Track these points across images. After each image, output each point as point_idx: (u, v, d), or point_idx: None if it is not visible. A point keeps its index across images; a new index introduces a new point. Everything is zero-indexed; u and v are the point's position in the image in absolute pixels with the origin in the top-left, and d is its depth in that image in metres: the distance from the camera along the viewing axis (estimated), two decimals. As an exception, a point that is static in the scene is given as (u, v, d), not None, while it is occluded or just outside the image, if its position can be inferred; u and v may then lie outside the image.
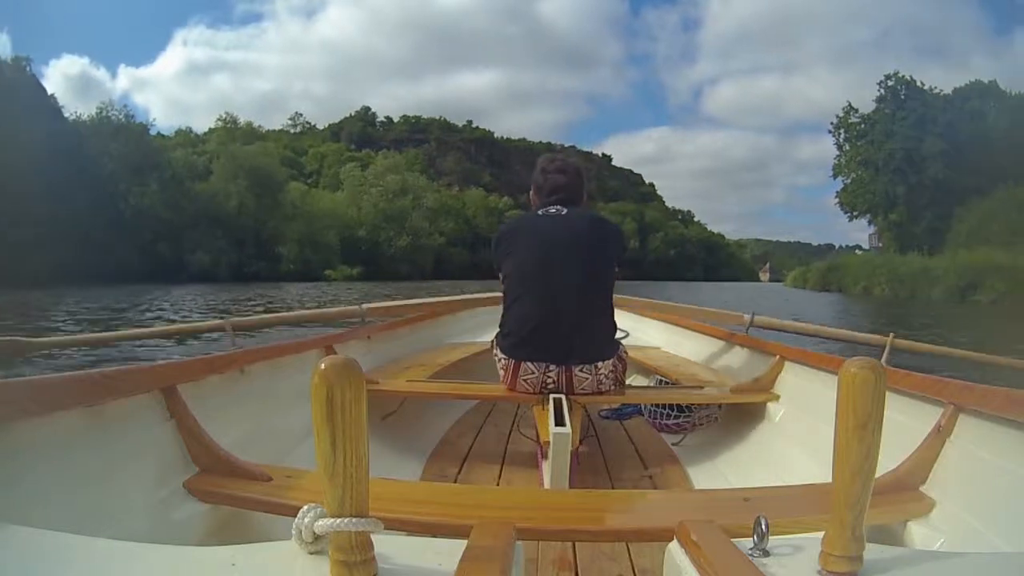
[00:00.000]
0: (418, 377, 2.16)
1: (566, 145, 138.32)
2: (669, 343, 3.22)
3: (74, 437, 0.93)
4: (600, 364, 1.85)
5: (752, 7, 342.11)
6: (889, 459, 1.14)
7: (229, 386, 1.39)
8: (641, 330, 3.43)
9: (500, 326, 1.95)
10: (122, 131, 42.09)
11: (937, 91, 38.99)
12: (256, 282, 36.89)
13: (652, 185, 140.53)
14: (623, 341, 2.03)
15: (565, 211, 1.92)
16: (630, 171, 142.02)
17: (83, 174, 36.70)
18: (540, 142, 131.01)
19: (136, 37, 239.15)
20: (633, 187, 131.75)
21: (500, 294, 2.01)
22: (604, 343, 1.90)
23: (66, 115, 41.60)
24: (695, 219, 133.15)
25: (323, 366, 0.48)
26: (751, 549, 0.60)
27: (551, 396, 1.71)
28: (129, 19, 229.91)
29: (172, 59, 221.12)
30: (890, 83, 39.45)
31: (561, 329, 1.80)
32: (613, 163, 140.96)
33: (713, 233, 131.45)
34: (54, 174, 33.30)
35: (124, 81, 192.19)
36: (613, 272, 1.93)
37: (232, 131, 58.08)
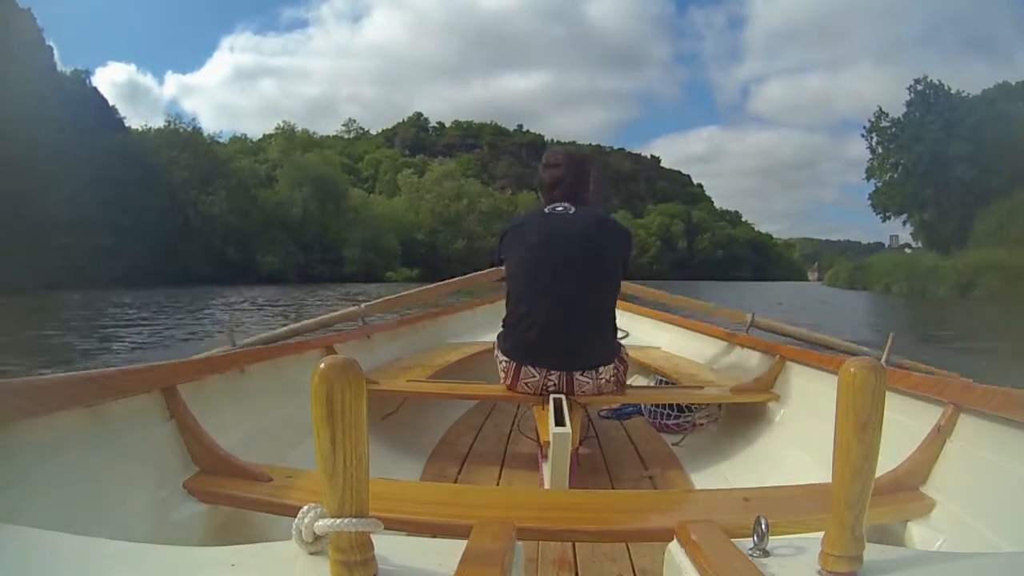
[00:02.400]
0: (418, 377, 2.15)
1: (615, 147, 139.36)
2: (669, 343, 3.19)
3: (74, 437, 0.92)
4: (602, 369, 1.83)
5: (796, 4, 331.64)
6: (889, 459, 1.13)
7: (229, 386, 1.39)
8: (641, 330, 3.39)
9: (503, 326, 1.91)
10: (190, 142, 43.98)
11: (965, 94, 39.12)
12: (323, 283, 38.28)
13: (700, 186, 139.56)
14: (623, 341, 2.00)
15: (573, 210, 1.84)
16: (679, 172, 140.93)
17: (152, 184, 38.33)
18: (590, 144, 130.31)
19: (183, 44, 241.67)
20: (682, 188, 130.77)
21: (500, 293, 1.91)
22: (606, 347, 1.87)
23: (127, 125, 43.70)
24: (743, 219, 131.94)
25: (323, 366, 0.48)
26: (751, 549, 0.60)
27: (551, 396, 1.69)
28: (176, 27, 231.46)
29: (219, 65, 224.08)
30: (919, 87, 39.81)
31: (564, 335, 1.77)
32: (662, 164, 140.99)
33: (760, 233, 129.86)
34: (125, 184, 35.09)
35: (171, 87, 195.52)
36: (619, 275, 1.89)
37: (291, 139, 59.34)
